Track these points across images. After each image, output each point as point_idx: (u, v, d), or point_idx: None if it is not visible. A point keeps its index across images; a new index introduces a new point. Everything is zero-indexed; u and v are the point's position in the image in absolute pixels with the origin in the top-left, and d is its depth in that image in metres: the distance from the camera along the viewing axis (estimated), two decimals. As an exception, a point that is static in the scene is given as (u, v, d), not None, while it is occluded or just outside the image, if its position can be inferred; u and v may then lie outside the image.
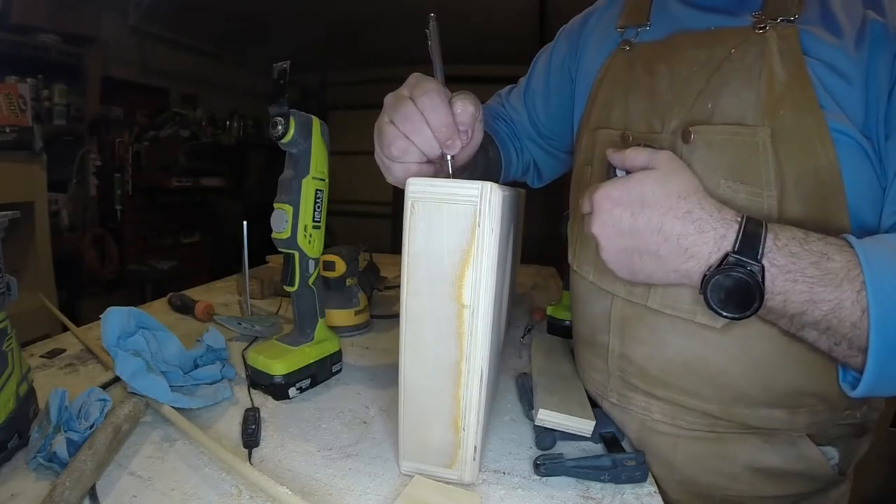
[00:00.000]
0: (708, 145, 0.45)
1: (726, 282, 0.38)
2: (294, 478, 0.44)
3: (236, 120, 3.39)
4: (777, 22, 0.43)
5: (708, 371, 0.48)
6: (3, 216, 0.44)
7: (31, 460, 0.42)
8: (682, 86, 0.48)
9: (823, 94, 0.41)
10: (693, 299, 0.46)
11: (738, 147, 0.44)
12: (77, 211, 2.35)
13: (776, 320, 0.41)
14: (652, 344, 0.51)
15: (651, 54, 0.53)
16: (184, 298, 0.89)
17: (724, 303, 0.39)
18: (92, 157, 2.39)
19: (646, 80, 0.52)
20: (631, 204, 0.41)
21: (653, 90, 0.51)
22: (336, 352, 0.65)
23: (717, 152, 0.45)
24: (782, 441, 0.49)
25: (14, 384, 0.44)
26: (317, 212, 0.60)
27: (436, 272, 0.39)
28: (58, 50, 2.18)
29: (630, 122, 0.53)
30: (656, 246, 0.41)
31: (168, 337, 0.59)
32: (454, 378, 0.41)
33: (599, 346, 0.57)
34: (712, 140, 0.45)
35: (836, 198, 0.42)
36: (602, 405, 0.59)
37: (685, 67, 0.49)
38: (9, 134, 1.81)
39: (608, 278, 0.54)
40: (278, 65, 0.54)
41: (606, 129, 0.56)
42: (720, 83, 0.45)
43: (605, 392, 0.58)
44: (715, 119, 0.45)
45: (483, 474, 0.46)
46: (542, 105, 0.75)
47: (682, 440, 0.52)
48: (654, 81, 0.51)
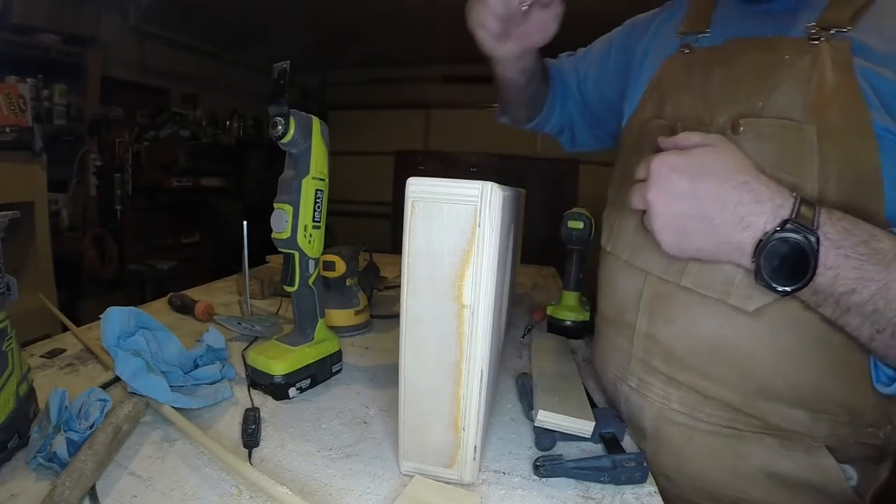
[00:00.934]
0: (756, 136, 0.47)
1: (782, 248, 0.39)
2: (294, 478, 0.44)
3: (236, 120, 3.40)
4: (831, 33, 0.45)
5: (735, 355, 0.48)
6: (3, 216, 0.44)
7: (31, 460, 0.42)
8: (735, 87, 0.50)
9: (872, 97, 0.42)
10: (726, 280, 0.47)
11: (785, 140, 0.45)
12: (77, 211, 2.35)
13: (821, 303, 0.41)
14: (681, 324, 0.51)
15: (709, 58, 0.54)
16: (184, 298, 0.89)
17: (776, 272, 0.39)
18: (92, 157, 2.39)
19: (700, 81, 0.54)
20: (690, 171, 0.42)
21: (706, 90, 0.53)
22: (336, 352, 0.65)
23: (765, 143, 0.46)
24: (799, 448, 0.48)
25: (14, 384, 0.44)
26: (317, 212, 0.60)
27: (436, 272, 0.39)
28: (58, 50, 2.18)
29: (681, 116, 0.55)
30: (713, 213, 0.42)
31: (168, 337, 0.59)
32: (454, 378, 0.41)
33: (626, 326, 0.57)
34: (761, 132, 0.46)
35: (874, 194, 0.42)
36: (620, 390, 0.59)
37: (739, 70, 0.50)
38: (9, 134, 1.81)
39: (645, 256, 0.54)
40: (278, 65, 0.54)
41: (658, 119, 0.58)
42: (772, 85, 0.47)
43: (626, 375, 0.57)
44: (764, 114, 0.47)
45: (483, 474, 0.46)
46: (594, 78, 0.78)
47: (697, 433, 0.52)
48: (708, 83, 0.53)
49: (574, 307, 0.85)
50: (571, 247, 0.85)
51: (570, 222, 0.84)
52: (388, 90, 4.00)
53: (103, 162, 2.45)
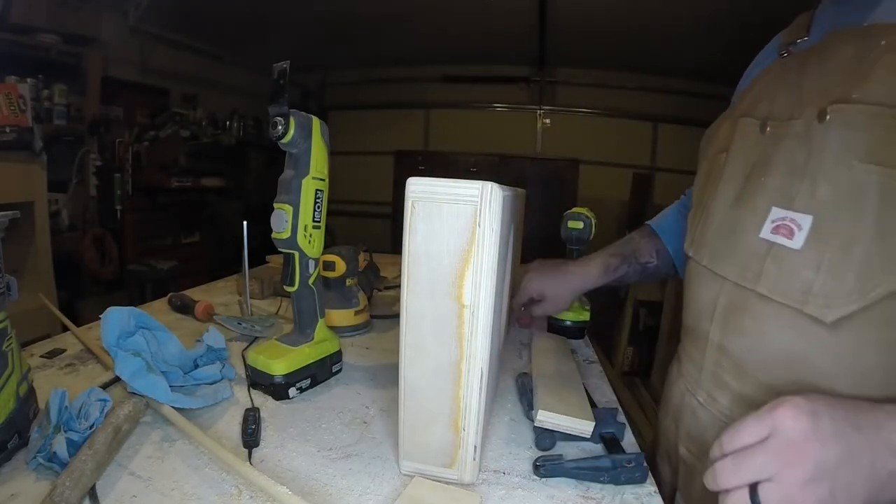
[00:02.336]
0: (845, 125, 0.43)
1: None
2: (294, 478, 0.44)
3: (236, 120, 3.40)
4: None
5: (810, 373, 0.43)
6: (3, 216, 0.44)
7: (31, 460, 0.42)
8: (828, 78, 0.46)
9: None
10: (804, 286, 0.42)
11: (879, 127, 0.41)
12: (77, 211, 2.35)
13: None
14: (753, 335, 0.48)
15: (806, 57, 0.51)
16: (184, 298, 0.89)
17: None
18: (92, 157, 2.40)
19: (795, 78, 0.51)
20: None
21: (800, 86, 0.49)
22: (336, 352, 0.65)
23: (855, 132, 0.42)
24: None
25: (14, 384, 0.44)
26: (317, 212, 0.60)
27: (436, 272, 0.39)
28: (58, 50, 2.18)
29: (773, 113, 0.52)
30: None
31: (168, 337, 0.59)
32: (454, 378, 0.41)
33: (700, 336, 0.55)
34: (850, 120, 0.42)
35: None
36: (688, 403, 0.56)
37: (833, 62, 0.47)
38: (9, 134, 1.81)
39: (724, 261, 0.51)
40: (278, 65, 0.54)
41: (748, 117, 0.55)
42: (866, 71, 0.43)
43: (696, 388, 0.55)
44: (855, 100, 0.43)
45: (483, 474, 0.46)
46: None
47: None
48: (803, 79, 0.50)
49: (574, 307, 0.85)
50: (571, 247, 0.85)
51: (570, 222, 0.84)
52: (388, 90, 4.01)
53: (103, 162, 2.45)
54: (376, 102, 4.04)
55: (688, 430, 0.57)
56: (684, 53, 3.07)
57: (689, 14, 2.58)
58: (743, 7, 2.31)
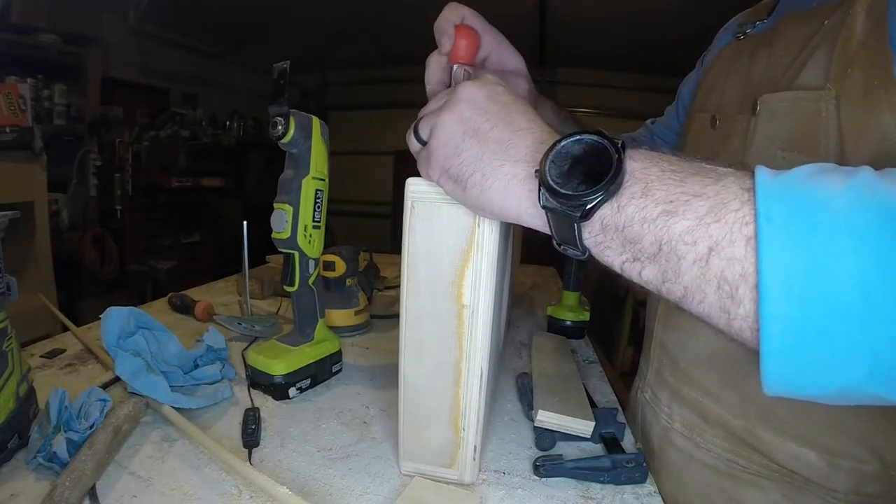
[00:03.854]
0: (771, 115, 0.43)
1: (574, 148, 0.28)
2: (294, 478, 0.44)
3: (236, 120, 3.39)
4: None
5: (735, 370, 0.43)
6: (3, 216, 0.44)
7: (31, 460, 0.42)
8: (775, 66, 0.46)
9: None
10: None
11: (799, 115, 0.41)
12: (77, 211, 2.35)
13: (632, 243, 0.27)
14: (686, 331, 0.49)
15: (758, 40, 0.51)
16: (184, 298, 0.89)
17: (567, 176, 0.28)
18: (92, 157, 2.39)
19: (746, 64, 0.50)
20: None
21: (749, 73, 0.49)
22: (336, 352, 0.65)
23: (779, 122, 0.42)
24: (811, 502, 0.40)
25: (14, 384, 0.44)
26: (317, 212, 0.60)
27: (436, 272, 0.39)
28: (58, 50, 2.18)
29: (723, 105, 0.51)
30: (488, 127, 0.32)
31: (168, 337, 0.59)
32: (454, 378, 0.41)
33: (648, 334, 0.56)
34: (775, 109, 0.43)
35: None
36: (638, 400, 0.57)
37: (780, 47, 0.46)
38: (9, 134, 1.81)
39: None
40: (278, 65, 0.54)
41: (701, 113, 0.55)
42: (806, 56, 0.42)
43: (644, 387, 0.56)
44: (783, 87, 0.43)
45: (483, 474, 0.46)
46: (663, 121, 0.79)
47: (694, 462, 0.49)
48: (753, 65, 0.49)
49: (574, 307, 0.85)
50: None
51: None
52: (388, 90, 4.00)
53: (103, 162, 2.45)
54: (376, 102, 4.03)
55: (641, 429, 0.58)
56: (684, 53, 3.07)
57: (689, 14, 2.58)
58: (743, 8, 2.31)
